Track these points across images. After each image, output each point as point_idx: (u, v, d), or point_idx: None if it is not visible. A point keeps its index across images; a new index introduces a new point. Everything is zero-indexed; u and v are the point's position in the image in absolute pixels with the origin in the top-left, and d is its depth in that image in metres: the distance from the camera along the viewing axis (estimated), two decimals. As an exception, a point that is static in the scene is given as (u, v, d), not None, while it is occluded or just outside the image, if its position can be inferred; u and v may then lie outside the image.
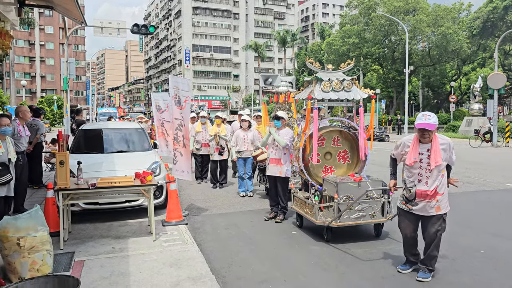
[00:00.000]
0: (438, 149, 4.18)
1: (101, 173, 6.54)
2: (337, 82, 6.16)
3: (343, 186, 5.54)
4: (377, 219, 5.66)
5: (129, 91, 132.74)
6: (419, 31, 39.50)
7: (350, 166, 6.49)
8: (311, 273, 4.67)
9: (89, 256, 5.04)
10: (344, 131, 6.41)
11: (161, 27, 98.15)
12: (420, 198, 4.27)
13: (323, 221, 5.59)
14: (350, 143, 6.45)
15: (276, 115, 6.80)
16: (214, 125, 10.07)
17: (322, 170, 6.37)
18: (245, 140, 8.86)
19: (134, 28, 16.59)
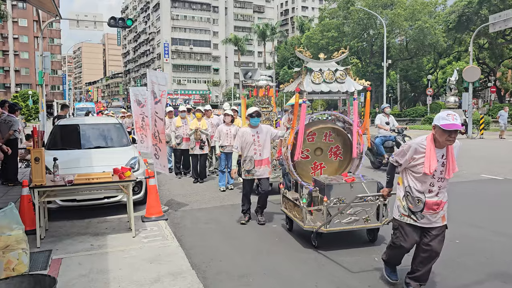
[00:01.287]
0: (453, 154, 3.61)
1: (78, 169, 6.43)
2: (329, 73, 5.59)
3: (334, 188, 5.08)
4: (371, 224, 5.09)
5: (107, 85, 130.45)
6: (397, 25, 39.98)
7: (342, 163, 6.04)
8: (292, 266, 4.71)
9: (67, 254, 4.97)
10: (337, 126, 5.92)
11: (139, 20, 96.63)
12: (429, 210, 3.68)
13: (312, 226, 5.08)
14: (343, 138, 5.96)
15: (257, 112, 6.27)
16: (195, 119, 9.96)
17: (311, 166, 5.94)
18: (228, 135, 8.79)
19: (111, 21, 16.28)
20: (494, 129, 26.42)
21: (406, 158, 3.71)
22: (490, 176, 10.11)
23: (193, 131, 9.71)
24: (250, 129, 6.28)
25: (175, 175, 10.79)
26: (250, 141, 6.21)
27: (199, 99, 76.89)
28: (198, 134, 9.68)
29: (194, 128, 9.72)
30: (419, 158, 3.59)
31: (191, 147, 9.89)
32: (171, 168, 11.43)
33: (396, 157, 3.85)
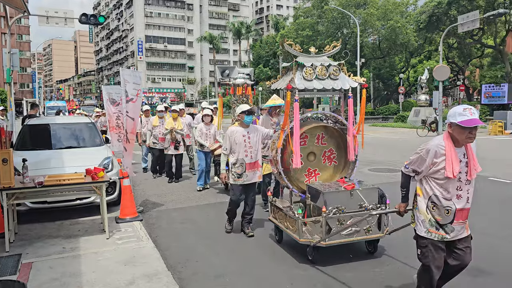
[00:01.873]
0: (473, 152, 3.30)
1: (49, 170, 6.25)
2: (321, 68, 5.08)
3: (332, 196, 4.59)
4: (373, 235, 4.67)
5: (79, 83, 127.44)
6: (370, 25, 40.61)
7: (337, 168, 5.49)
8: (268, 265, 4.73)
9: (38, 257, 4.84)
10: (330, 126, 5.35)
11: (112, 17, 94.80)
12: (460, 220, 3.24)
13: (309, 239, 4.58)
14: (336, 140, 5.43)
15: (251, 109, 5.67)
16: (170, 119, 9.84)
17: (305, 173, 5.35)
18: (207, 135, 8.70)
19: (83, 18, 15.87)
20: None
21: (426, 164, 3.23)
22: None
23: (168, 131, 9.57)
24: (240, 128, 5.61)
25: (152, 173, 10.68)
26: (241, 142, 5.53)
27: (174, 97, 76.04)
28: (173, 134, 9.55)
29: (169, 128, 9.58)
30: (440, 162, 3.17)
31: (165, 147, 9.80)
32: (146, 168, 11.36)
33: (412, 166, 3.37)
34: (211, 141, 8.63)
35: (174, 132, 9.56)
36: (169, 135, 9.61)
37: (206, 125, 8.80)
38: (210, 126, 8.80)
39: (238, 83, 7.99)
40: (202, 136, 8.67)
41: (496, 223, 6.15)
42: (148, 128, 10.61)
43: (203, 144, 8.64)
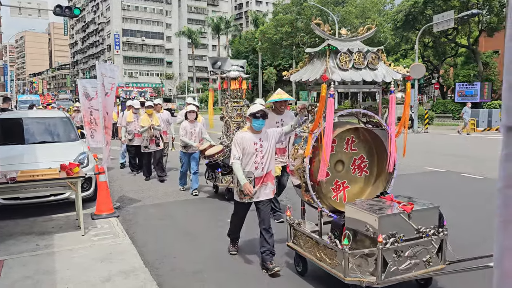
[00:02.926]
0: None
1: (22, 165, 6.09)
2: (359, 55, 3.97)
3: (388, 221, 3.53)
4: (434, 267, 3.68)
5: (53, 77, 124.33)
6: (348, 22, 41.03)
7: (368, 179, 4.47)
8: (246, 260, 4.74)
9: (10, 255, 4.71)
10: (360, 128, 4.33)
11: (88, 9, 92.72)
12: None
13: (359, 278, 3.51)
14: (368, 145, 4.42)
15: (263, 111, 4.46)
16: (145, 115, 9.30)
17: (332, 187, 4.27)
18: (192, 133, 7.88)
19: (57, 9, 15.48)
20: (438, 124, 27.84)
21: None
22: (433, 169, 10.66)
23: (145, 129, 9.09)
24: (250, 134, 4.47)
25: (131, 171, 10.38)
26: (251, 151, 4.42)
27: (152, 92, 75.14)
28: (151, 131, 9.12)
29: (146, 125, 9.10)
30: None
31: (145, 145, 9.24)
32: (123, 164, 11.15)
33: None
34: (197, 140, 7.89)
35: (151, 130, 9.15)
36: (146, 133, 9.12)
37: (191, 122, 7.96)
38: (195, 123, 7.98)
39: (232, 76, 7.29)
40: (187, 135, 7.82)
41: (463, 215, 6.33)
42: (122, 124, 10.32)
43: (188, 144, 7.86)
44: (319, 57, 4.16)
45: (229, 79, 7.32)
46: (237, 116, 7.35)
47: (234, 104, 7.36)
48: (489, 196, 7.24)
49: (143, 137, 9.22)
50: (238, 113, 7.37)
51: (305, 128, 4.24)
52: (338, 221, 3.98)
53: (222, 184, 7.51)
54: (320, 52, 4.15)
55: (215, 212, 6.81)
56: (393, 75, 4.15)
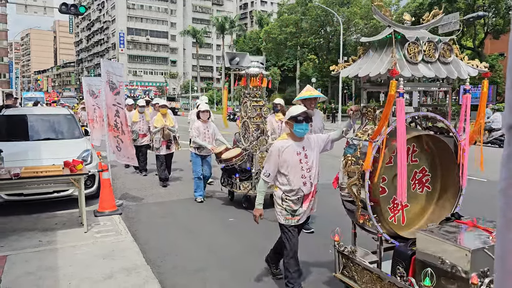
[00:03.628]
0: None
1: (26, 162, 6.12)
2: (429, 46, 3.29)
3: (483, 256, 2.73)
4: None
5: (58, 74, 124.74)
6: (353, 23, 41.00)
7: (430, 196, 3.77)
8: (248, 259, 4.74)
9: (13, 250, 4.73)
10: (423, 135, 3.61)
11: (93, 7, 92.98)
12: None
13: None
14: (431, 156, 3.72)
15: (307, 114, 3.67)
16: (159, 115, 8.62)
17: (389, 207, 3.53)
18: (206, 134, 7.32)
19: (63, 7, 15.53)
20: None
21: None
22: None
23: (158, 129, 8.46)
24: (291, 142, 3.70)
25: (134, 169, 10.23)
26: (295, 163, 3.66)
27: (156, 91, 75.28)
28: (167, 132, 8.52)
29: (160, 126, 8.46)
30: None
31: (156, 147, 8.63)
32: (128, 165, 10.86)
33: None
34: (210, 142, 7.35)
35: (167, 130, 8.53)
36: (159, 134, 8.50)
37: (204, 123, 7.38)
38: (209, 124, 7.43)
39: (252, 73, 6.67)
40: (200, 136, 7.26)
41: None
42: None
43: (201, 146, 7.27)
44: (378, 48, 3.45)
45: (249, 76, 6.71)
46: (257, 117, 6.79)
47: (253, 104, 6.76)
48: (490, 198, 7.21)
49: (156, 139, 8.63)
50: (258, 113, 6.80)
51: (359, 134, 3.51)
52: (403, 251, 3.22)
53: (239, 191, 6.90)
54: (380, 42, 3.40)
55: (217, 210, 6.82)
56: (469, 71, 3.46)
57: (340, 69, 3.78)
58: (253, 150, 6.74)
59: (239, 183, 6.90)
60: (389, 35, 3.29)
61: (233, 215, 6.49)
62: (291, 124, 3.66)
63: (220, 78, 74.12)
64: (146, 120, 9.78)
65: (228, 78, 52.23)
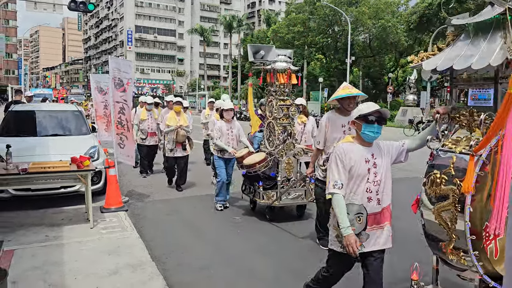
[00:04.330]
0: None
1: (34, 157, 6.15)
2: None
3: None
4: None
5: (66, 71, 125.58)
6: (361, 23, 40.77)
7: None
8: (253, 257, 4.74)
9: (20, 245, 4.77)
10: None
11: (102, 5, 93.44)
12: None
13: None
14: None
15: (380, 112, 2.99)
16: (172, 113, 7.94)
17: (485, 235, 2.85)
18: (229, 135, 6.68)
19: (72, 4, 15.62)
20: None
21: None
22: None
23: (171, 129, 7.77)
24: (358, 146, 3.01)
25: (140, 173, 9.51)
26: (362, 172, 2.95)
27: (163, 89, 75.51)
28: (182, 133, 7.78)
29: (173, 125, 7.75)
30: None
31: (170, 148, 7.88)
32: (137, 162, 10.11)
33: None
34: (234, 144, 6.72)
35: (181, 130, 7.79)
36: (172, 134, 7.82)
37: (227, 122, 6.74)
38: (233, 124, 6.79)
39: (279, 68, 5.98)
40: (223, 138, 6.60)
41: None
42: (135, 122, 9.18)
43: (224, 149, 6.63)
44: (477, 33, 2.81)
45: (275, 72, 6.01)
46: (284, 118, 6.05)
47: (280, 103, 6.01)
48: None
49: (168, 139, 7.93)
50: (285, 113, 6.05)
51: (449, 144, 2.91)
52: None
53: (263, 201, 6.13)
54: (479, 25, 2.79)
55: (223, 209, 6.81)
56: None
57: (422, 60, 3.11)
58: (279, 155, 5.94)
59: (263, 192, 6.15)
60: (496, 16, 2.65)
61: (239, 214, 6.49)
62: (359, 125, 2.98)
63: (227, 77, 74.09)
64: (154, 118, 9.46)
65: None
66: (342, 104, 4.51)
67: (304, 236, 5.42)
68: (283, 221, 6.03)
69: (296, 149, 6.01)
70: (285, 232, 5.57)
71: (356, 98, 4.48)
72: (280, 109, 6.00)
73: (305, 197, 6.03)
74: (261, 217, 6.15)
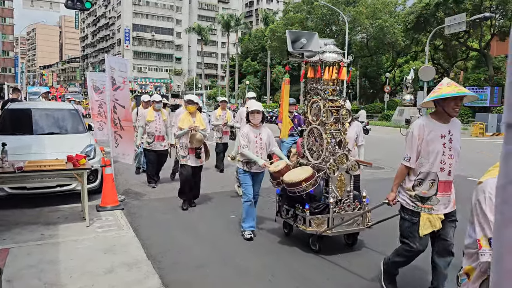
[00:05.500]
0: None
1: (30, 155, 6.15)
2: None
3: None
4: None
5: (63, 70, 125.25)
6: (358, 23, 40.87)
7: None
8: (249, 256, 4.75)
9: (15, 243, 4.76)
10: None
11: (99, 3, 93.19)
12: None
13: None
14: None
15: None
16: (185, 114, 6.62)
17: None
18: (257, 144, 5.31)
19: (69, 2, 15.55)
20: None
21: None
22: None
23: (184, 132, 6.44)
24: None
25: (148, 183, 8.27)
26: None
27: (159, 87, 75.43)
28: (198, 137, 6.42)
29: (186, 127, 6.42)
30: None
31: (182, 155, 6.55)
32: (139, 167, 9.36)
33: None
34: (264, 155, 5.36)
35: (198, 133, 6.43)
36: (185, 138, 6.50)
37: (255, 127, 5.37)
38: (262, 129, 5.43)
39: (329, 60, 4.80)
40: (250, 146, 5.24)
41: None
42: (140, 124, 8.15)
43: (252, 160, 5.23)
44: None
45: (323, 65, 4.83)
46: (332, 123, 4.83)
47: (329, 104, 4.82)
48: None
49: (181, 144, 6.60)
50: (335, 117, 4.84)
51: None
52: None
53: (310, 229, 4.66)
54: None
55: (220, 208, 6.82)
56: None
57: None
58: (330, 170, 4.67)
59: (309, 217, 4.67)
60: None
61: (234, 212, 6.50)
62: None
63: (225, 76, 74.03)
64: (163, 119, 8.23)
65: (221, 78, 52.13)
66: (443, 106, 3.34)
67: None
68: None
69: (350, 162, 4.80)
70: (280, 230, 5.57)
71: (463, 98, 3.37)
72: (329, 112, 4.82)
73: (361, 222, 4.79)
74: (260, 216, 6.16)
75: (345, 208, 4.76)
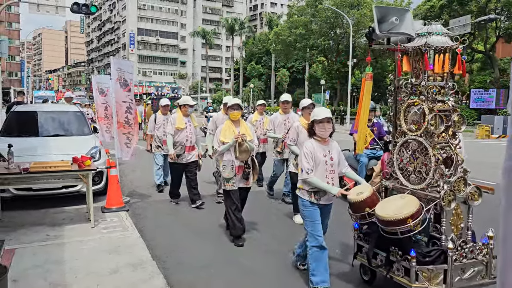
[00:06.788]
0: None
1: (35, 157, 6.18)
2: None
3: None
4: None
5: (68, 74, 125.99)
6: (363, 25, 40.81)
7: None
8: (254, 257, 4.74)
9: (21, 244, 4.78)
10: None
11: (104, 8, 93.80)
12: None
13: None
14: None
15: None
16: (227, 122, 5.28)
17: None
18: (327, 164, 3.84)
19: (74, 7, 15.70)
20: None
21: None
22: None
23: (228, 145, 5.07)
24: None
25: (171, 199, 7.20)
26: None
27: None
28: (245, 147, 5.06)
29: (230, 139, 5.08)
30: None
31: (227, 177, 5.08)
32: (161, 184, 8.12)
33: None
34: (336, 179, 3.90)
35: (245, 144, 5.07)
36: (233, 151, 5.10)
37: (323, 143, 3.87)
38: (330, 145, 3.93)
39: (439, 45, 3.47)
40: (319, 170, 3.81)
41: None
42: (168, 131, 6.77)
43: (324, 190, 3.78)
44: None
45: (429, 52, 3.53)
46: (440, 135, 3.55)
47: (437, 107, 3.53)
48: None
49: (225, 163, 5.14)
50: (446, 125, 3.54)
51: None
52: None
53: (416, 285, 3.28)
54: None
55: (223, 208, 6.80)
56: None
57: None
58: (446, 201, 3.35)
59: (418, 268, 3.30)
60: None
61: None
62: None
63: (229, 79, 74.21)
64: (194, 126, 6.94)
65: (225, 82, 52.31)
66: None
67: None
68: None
69: (470, 189, 3.50)
70: (285, 230, 5.55)
71: None
72: (440, 118, 3.53)
73: (485, 274, 3.45)
74: (260, 216, 6.14)
75: (466, 254, 3.38)
